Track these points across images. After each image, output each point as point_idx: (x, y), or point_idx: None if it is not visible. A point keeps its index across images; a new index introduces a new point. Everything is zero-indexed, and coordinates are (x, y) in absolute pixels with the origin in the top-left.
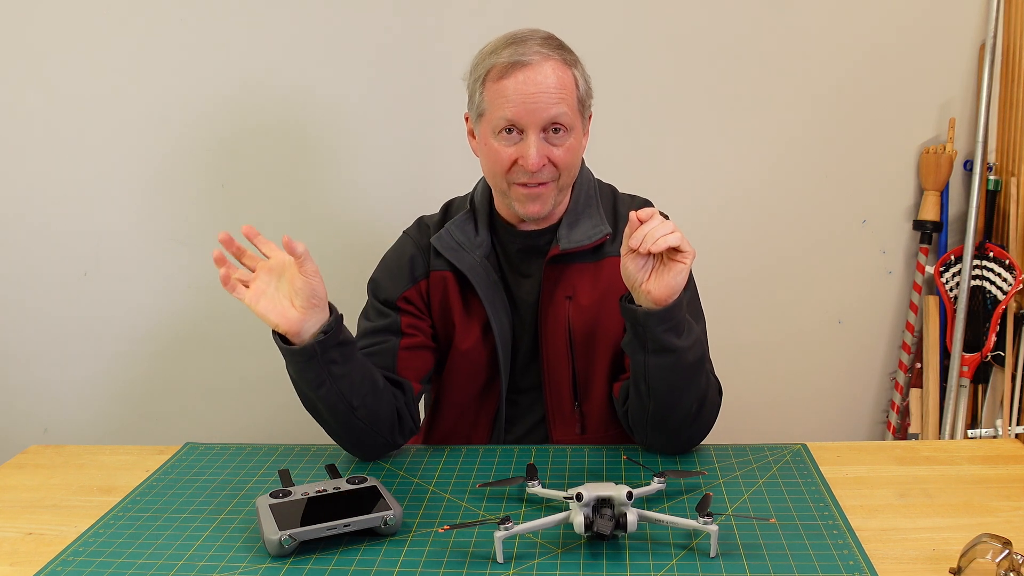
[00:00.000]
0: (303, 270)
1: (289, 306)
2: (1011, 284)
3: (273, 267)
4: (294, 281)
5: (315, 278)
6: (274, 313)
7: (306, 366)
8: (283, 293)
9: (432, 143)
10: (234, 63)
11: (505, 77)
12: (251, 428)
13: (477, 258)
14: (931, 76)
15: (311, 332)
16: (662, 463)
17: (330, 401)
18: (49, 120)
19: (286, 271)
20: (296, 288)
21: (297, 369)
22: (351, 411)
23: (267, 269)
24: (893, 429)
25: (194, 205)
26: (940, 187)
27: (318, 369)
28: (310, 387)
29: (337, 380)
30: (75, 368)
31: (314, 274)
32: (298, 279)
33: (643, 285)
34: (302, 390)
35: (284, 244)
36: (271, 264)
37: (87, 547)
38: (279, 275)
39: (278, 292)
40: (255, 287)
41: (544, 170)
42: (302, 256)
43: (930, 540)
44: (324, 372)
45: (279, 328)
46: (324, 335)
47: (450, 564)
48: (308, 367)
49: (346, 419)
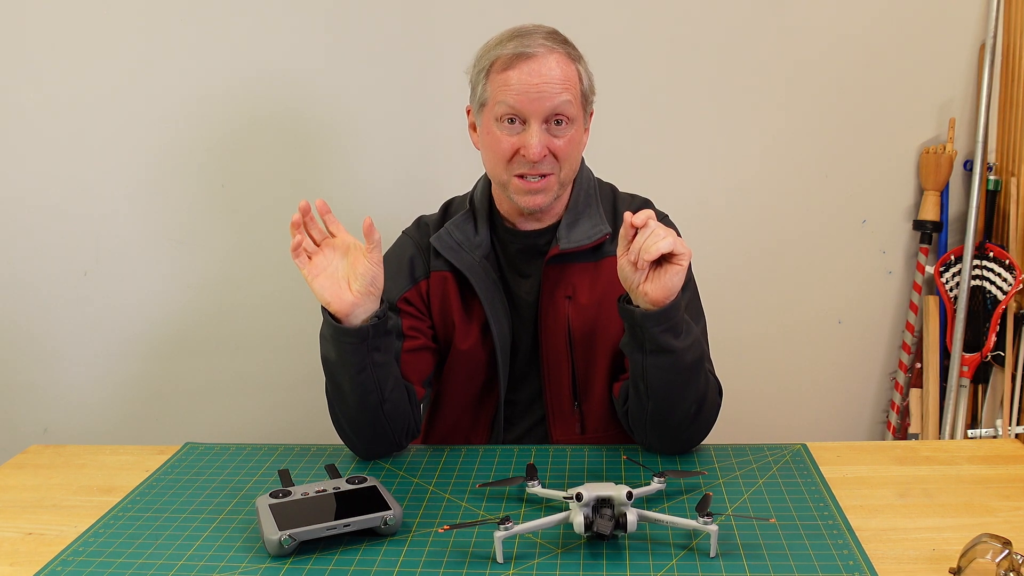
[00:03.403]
0: (371, 257)
1: (346, 288)
2: (1011, 284)
3: (337, 245)
4: (356, 265)
5: (378, 267)
6: (330, 292)
7: (354, 348)
8: (341, 274)
9: (432, 142)
10: (234, 62)
11: (510, 68)
12: (251, 428)
13: (477, 258)
14: (931, 76)
15: (361, 318)
16: (662, 463)
17: (365, 388)
18: (49, 120)
19: (349, 253)
20: (358, 272)
21: (343, 351)
22: (381, 403)
23: (331, 246)
24: (893, 429)
25: (194, 205)
26: (940, 187)
27: (363, 353)
28: (351, 371)
29: (377, 368)
30: (75, 368)
31: (378, 263)
32: (362, 263)
33: (640, 287)
34: (337, 375)
35: (365, 227)
36: (335, 243)
37: (87, 547)
38: (342, 255)
39: (337, 271)
40: (316, 262)
41: (545, 161)
42: (376, 244)
43: (930, 540)
44: (368, 358)
45: (330, 307)
46: (378, 319)
47: (450, 564)
48: (356, 350)
49: (374, 410)
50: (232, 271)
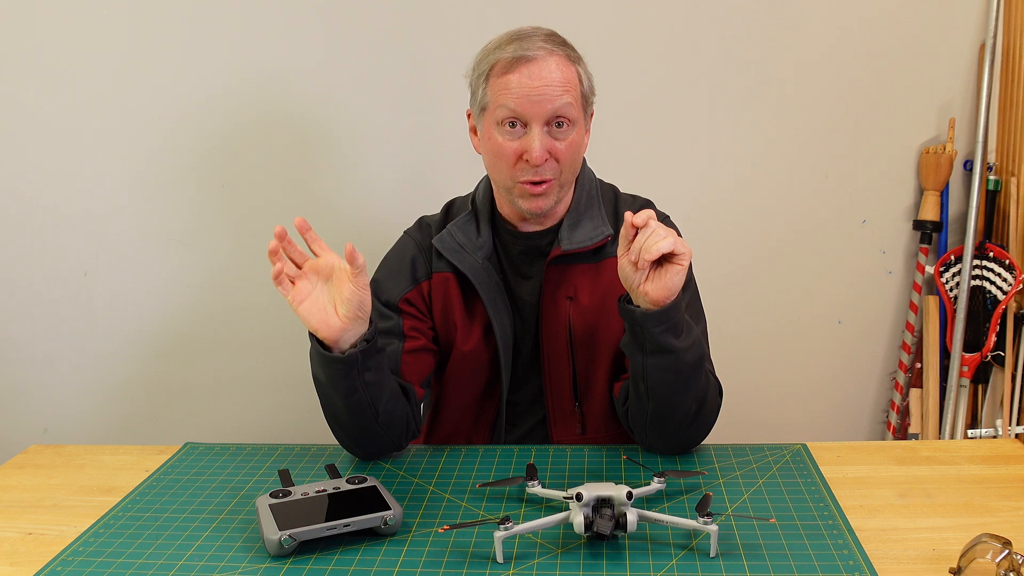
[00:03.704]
0: (356, 281)
1: (332, 313)
2: (1011, 284)
3: (321, 268)
4: (342, 289)
5: (365, 291)
6: (316, 319)
7: (345, 373)
8: (327, 299)
9: (433, 142)
10: (234, 62)
11: (509, 71)
12: (251, 428)
13: (479, 259)
14: (931, 76)
15: (349, 341)
16: (662, 463)
17: (359, 407)
18: (49, 120)
19: (334, 275)
20: (343, 297)
21: (332, 376)
22: (375, 417)
23: (315, 269)
24: (893, 429)
25: (194, 205)
26: (940, 187)
27: (354, 377)
28: (342, 394)
29: (369, 388)
30: (75, 368)
31: (365, 287)
32: (347, 288)
33: (641, 286)
34: (329, 395)
35: (347, 253)
36: (319, 264)
37: (87, 547)
38: (326, 277)
39: (322, 296)
40: (300, 287)
41: (547, 165)
42: (360, 268)
43: (930, 540)
44: (359, 380)
45: (318, 333)
46: (367, 343)
47: (450, 564)
48: (346, 375)
49: (368, 424)
50: (232, 271)
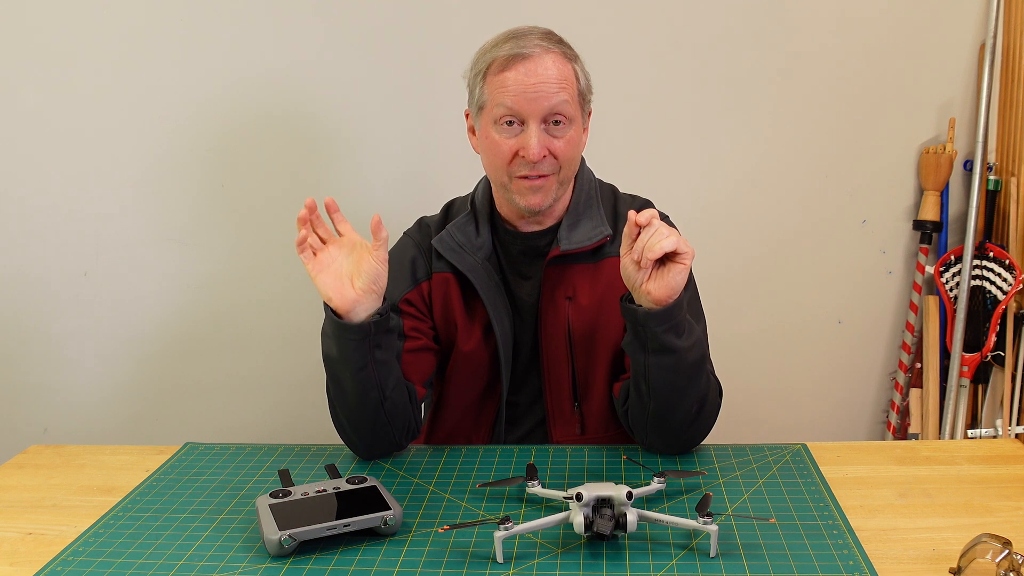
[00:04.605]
0: (376, 255)
1: (348, 285)
2: (1011, 284)
3: (343, 244)
4: (361, 262)
5: (383, 265)
6: (333, 288)
7: (356, 345)
8: (345, 271)
9: (433, 142)
10: (235, 62)
11: (506, 69)
12: (251, 428)
13: (478, 260)
14: (931, 76)
15: (362, 315)
16: (662, 463)
17: (367, 386)
18: (49, 119)
19: (355, 251)
20: (362, 270)
21: (344, 348)
22: (381, 401)
23: (337, 244)
24: (893, 429)
25: (194, 204)
26: (940, 187)
27: (365, 351)
28: (352, 368)
29: (379, 366)
30: (75, 368)
31: (383, 261)
32: (367, 261)
33: (643, 285)
34: (338, 372)
35: (373, 224)
36: (342, 241)
37: (87, 547)
38: (347, 252)
39: (341, 267)
40: (321, 258)
41: (545, 162)
42: (383, 241)
43: (930, 540)
44: (370, 355)
45: (332, 303)
46: (380, 316)
47: (450, 564)
48: (358, 347)
49: (374, 408)
50: (232, 271)
